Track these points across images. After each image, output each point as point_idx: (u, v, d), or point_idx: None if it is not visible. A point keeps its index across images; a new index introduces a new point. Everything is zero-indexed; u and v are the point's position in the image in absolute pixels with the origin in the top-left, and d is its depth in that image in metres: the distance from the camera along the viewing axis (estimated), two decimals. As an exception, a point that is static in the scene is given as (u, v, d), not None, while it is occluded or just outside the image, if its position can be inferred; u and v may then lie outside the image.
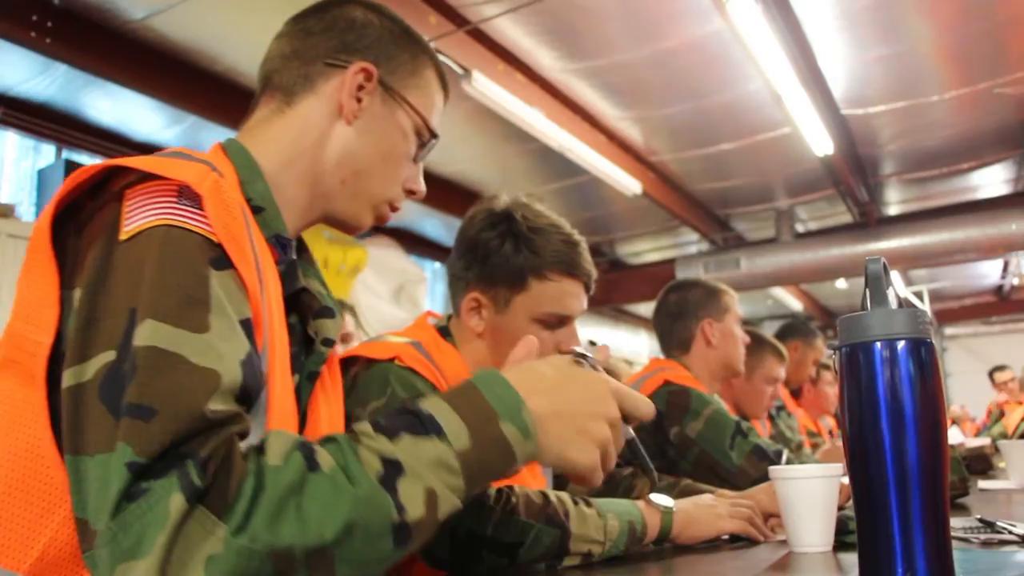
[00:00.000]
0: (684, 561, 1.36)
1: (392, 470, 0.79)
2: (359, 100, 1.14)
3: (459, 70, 5.00)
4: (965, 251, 8.29)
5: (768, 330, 4.53)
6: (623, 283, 10.20)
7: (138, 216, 0.86)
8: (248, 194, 1.03)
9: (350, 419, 1.23)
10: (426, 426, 0.84)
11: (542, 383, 0.93)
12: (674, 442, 2.46)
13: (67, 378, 0.79)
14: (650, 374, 2.68)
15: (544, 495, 1.33)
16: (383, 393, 1.48)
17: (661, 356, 2.87)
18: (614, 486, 1.94)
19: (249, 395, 0.84)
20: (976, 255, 8.64)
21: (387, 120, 1.17)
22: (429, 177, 1.25)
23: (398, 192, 1.20)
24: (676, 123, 6.61)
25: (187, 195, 0.88)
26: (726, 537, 1.57)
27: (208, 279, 0.84)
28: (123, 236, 0.84)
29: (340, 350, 1.27)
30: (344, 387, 1.25)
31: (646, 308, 12.01)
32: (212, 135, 6.52)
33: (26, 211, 6.16)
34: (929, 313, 13.08)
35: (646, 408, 1.02)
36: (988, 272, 12.40)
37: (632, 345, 13.47)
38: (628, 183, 7.02)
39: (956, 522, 1.55)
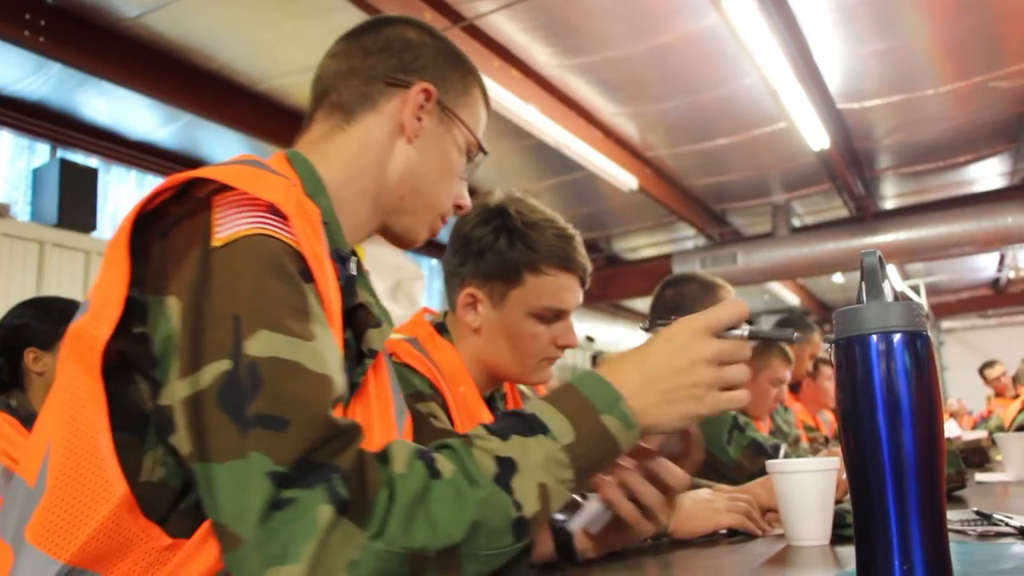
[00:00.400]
0: (681, 556, 1.36)
1: (506, 469, 0.84)
2: (419, 120, 1.17)
3: (454, 66, 5.00)
4: (961, 244, 8.31)
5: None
6: (620, 279, 10.21)
7: (230, 224, 0.88)
8: None
9: None
10: (532, 426, 0.88)
11: (629, 363, 0.96)
12: None
13: (182, 388, 0.81)
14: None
15: None
16: None
17: None
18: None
19: (341, 404, 0.87)
20: (972, 248, 8.66)
21: (444, 138, 1.19)
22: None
23: (449, 206, 1.23)
24: (672, 118, 6.61)
25: (274, 210, 0.91)
26: (724, 531, 1.57)
27: (305, 289, 0.87)
28: (216, 243, 0.86)
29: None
30: None
31: (643, 303, 12.00)
32: (207, 133, 6.52)
33: (21, 210, 6.15)
34: (926, 307, 13.11)
35: (736, 310, 0.99)
36: (984, 265, 12.42)
37: (629, 340, 13.48)
38: (624, 179, 7.02)
39: (953, 515, 1.55)
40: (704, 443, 2.38)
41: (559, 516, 1.17)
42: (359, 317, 1.05)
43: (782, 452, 2.32)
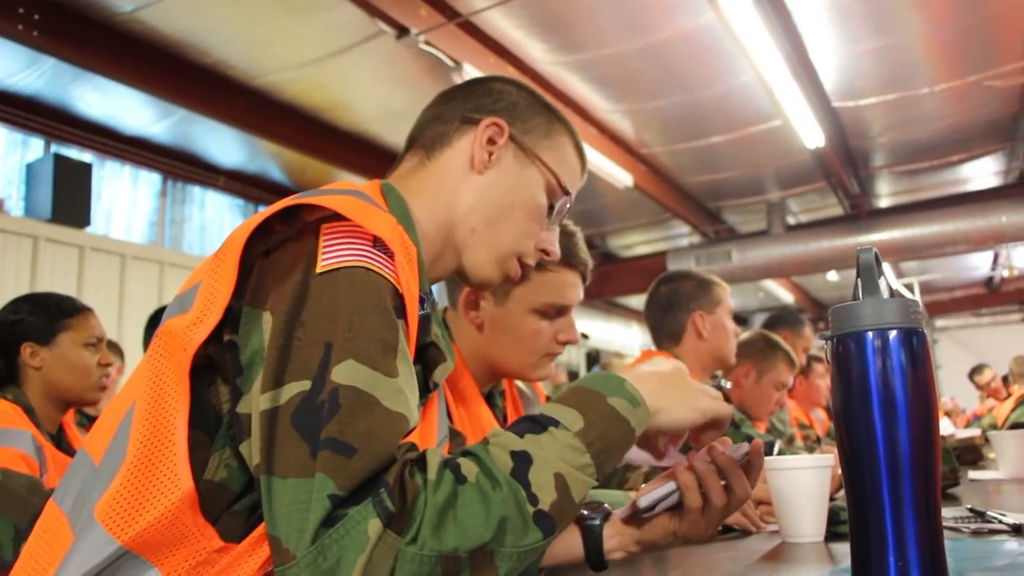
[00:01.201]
0: (677, 552, 1.36)
1: (521, 462, 0.86)
2: (490, 154, 1.18)
3: (449, 62, 4.99)
4: (955, 243, 8.32)
5: (758, 322, 4.54)
6: (615, 276, 10.21)
7: (336, 253, 0.90)
8: None
9: None
10: (542, 423, 0.91)
11: (640, 372, 1.03)
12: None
13: (261, 402, 0.84)
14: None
15: None
16: None
17: (653, 348, 2.86)
18: (607, 478, 1.94)
19: None
20: (966, 247, 8.67)
21: (518, 173, 1.20)
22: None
23: (529, 248, 1.23)
24: (667, 116, 6.62)
25: (380, 246, 0.93)
26: (719, 528, 1.57)
27: (399, 327, 0.90)
28: (320, 269, 0.89)
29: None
30: None
31: (638, 301, 12.01)
32: (202, 128, 6.51)
33: (15, 206, 6.14)
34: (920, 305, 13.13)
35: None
36: (978, 264, 12.45)
37: (624, 338, 13.50)
38: (619, 176, 7.02)
39: (947, 512, 1.56)
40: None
41: (589, 515, 1.18)
42: (429, 354, 1.07)
43: (776, 449, 2.31)
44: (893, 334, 0.78)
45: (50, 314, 2.38)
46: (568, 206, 1.27)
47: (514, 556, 0.84)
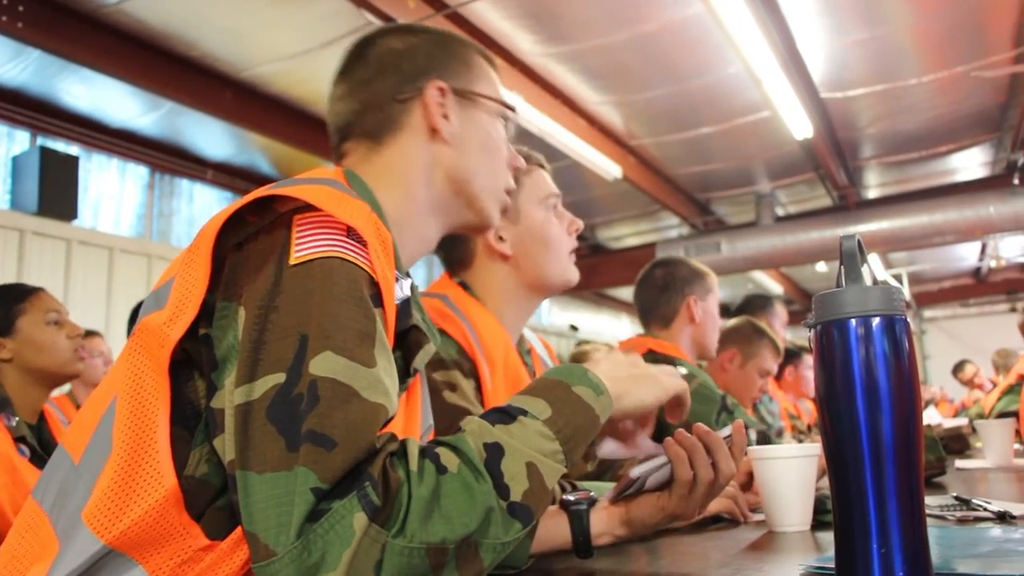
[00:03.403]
0: (665, 542, 1.37)
1: (494, 453, 0.86)
2: (447, 117, 1.17)
3: (438, 54, 4.98)
4: (943, 234, 8.36)
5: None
6: (604, 267, 10.22)
7: (310, 244, 0.89)
8: None
9: None
10: (511, 413, 0.92)
11: (599, 364, 1.04)
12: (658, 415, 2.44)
13: (235, 396, 0.84)
14: (632, 347, 2.65)
15: None
16: None
17: (636, 336, 2.86)
18: (602, 470, 1.94)
19: None
20: (954, 238, 8.71)
21: (474, 120, 1.20)
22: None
23: (507, 176, 1.26)
24: (656, 107, 6.62)
25: (353, 235, 0.92)
26: (707, 517, 1.57)
27: (375, 316, 0.89)
28: (294, 261, 0.88)
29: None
30: None
31: (627, 292, 12.01)
32: (189, 121, 6.48)
33: (1, 199, 6.10)
34: (908, 295, 13.19)
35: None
36: (966, 255, 12.50)
37: (613, 329, 13.52)
38: (608, 167, 7.03)
39: (933, 500, 1.57)
40: (692, 421, 2.36)
41: (575, 500, 1.20)
42: (411, 338, 1.06)
43: (753, 437, 2.31)
44: (876, 321, 0.78)
45: (2, 304, 2.37)
46: (516, 115, 1.28)
47: (497, 547, 0.84)
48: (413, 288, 1.14)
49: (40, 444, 2.31)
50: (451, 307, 1.61)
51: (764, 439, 2.42)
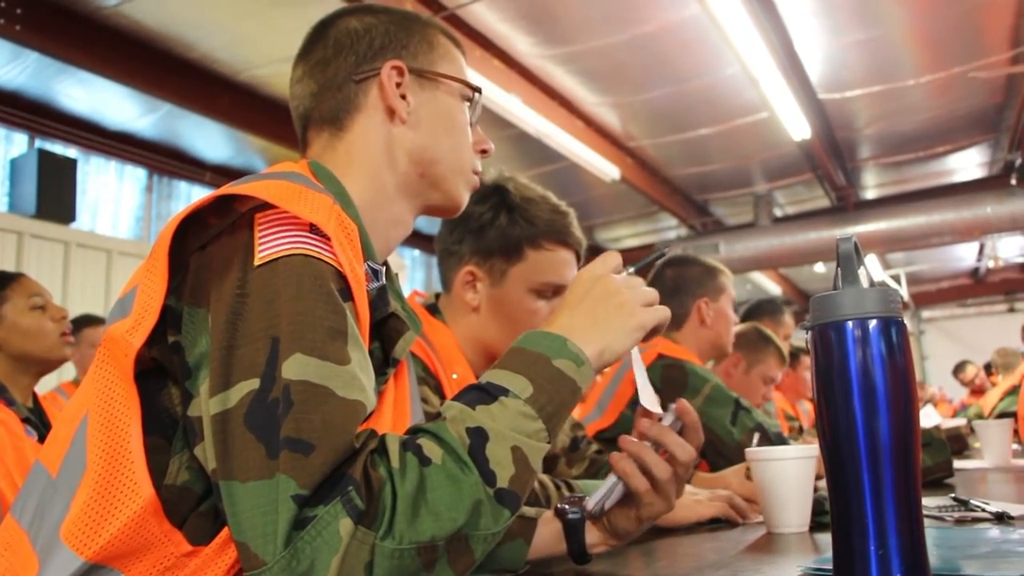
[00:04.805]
0: (664, 544, 1.37)
1: (478, 439, 0.84)
2: (404, 97, 1.15)
3: (436, 56, 4.98)
4: (941, 234, 8.36)
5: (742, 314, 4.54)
6: (603, 269, 10.20)
7: (273, 243, 0.88)
8: None
9: None
10: (491, 392, 0.89)
11: (573, 313, 1.01)
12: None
13: (211, 405, 0.82)
14: (642, 348, 2.63)
15: None
16: None
17: None
18: (596, 468, 1.94)
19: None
20: (952, 238, 8.71)
21: (435, 100, 1.18)
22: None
23: (472, 158, 1.23)
24: (654, 108, 6.62)
25: (316, 230, 0.91)
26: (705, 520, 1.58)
27: (346, 311, 0.88)
28: (258, 261, 0.86)
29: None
30: None
31: (626, 294, 12.00)
32: (187, 123, 6.48)
33: (-1, 201, 6.10)
34: (907, 296, 13.18)
35: (614, 260, 1.11)
36: (964, 255, 12.51)
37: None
38: (606, 169, 7.03)
39: (931, 501, 1.57)
40: (709, 424, 2.32)
41: (570, 509, 1.19)
42: (390, 326, 1.05)
43: (755, 440, 2.30)
44: (872, 323, 0.79)
45: None
46: (480, 97, 1.24)
47: (488, 538, 0.83)
48: (389, 275, 1.12)
49: (43, 426, 2.32)
50: None
51: (781, 440, 2.40)
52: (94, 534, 0.84)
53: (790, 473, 1.40)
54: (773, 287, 12.48)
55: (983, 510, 1.41)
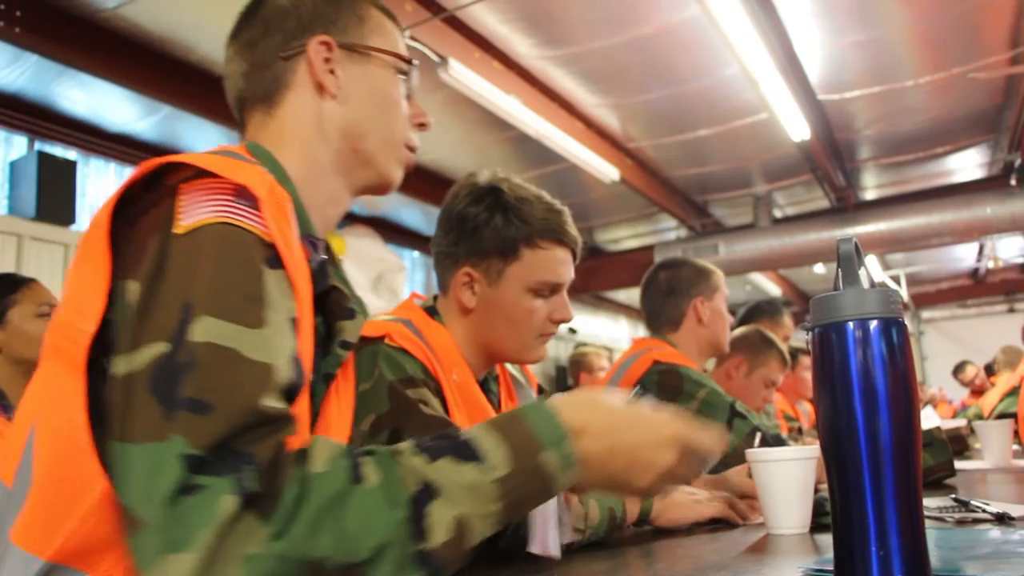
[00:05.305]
0: (663, 545, 1.37)
1: (425, 493, 0.80)
2: (332, 72, 1.15)
3: (435, 58, 4.98)
4: (941, 235, 8.35)
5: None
6: (602, 270, 10.21)
7: (194, 212, 0.87)
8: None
9: None
10: (465, 453, 0.85)
11: (599, 422, 0.94)
12: None
13: (117, 365, 0.81)
14: (637, 355, 2.65)
15: None
16: (370, 375, 1.48)
17: (646, 335, 2.85)
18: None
19: (292, 393, 0.86)
20: (952, 239, 8.70)
21: (366, 74, 1.17)
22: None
23: (408, 133, 1.22)
24: (653, 109, 6.61)
25: (244, 196, 0.90)
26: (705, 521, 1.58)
27: (263, 276, 0.86)
28: (179, 230, 0.86)
29: None
30: None
31: (626, 295, 12.03)
32: (187, 125, 6.47)
33: (-1, 204, 6.09)
34: (906, 296, 13.18)
35: (711, 447, 1.01)
36: (964, 256, 12.50)
37: (612, 332, 13.51)
38: (606, 170, 7.02)
39: (932, 502, 1.57)
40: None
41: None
42: (332, 300, 1.04)
43: (757, 440, 2.31)
44: (873, 324, 0.79)
45: None
46: (416, 69, 1.23)
47: None
48: (329, 251, 1.12)
49: None
50: (413, 330, 1.60)
51: (778, 442, 2.41)
52: (50, 534, 0.82)
53: (790, 474, 1.40)
54: (773, 288, 12.47)
55: (984, 511, 1.41)
